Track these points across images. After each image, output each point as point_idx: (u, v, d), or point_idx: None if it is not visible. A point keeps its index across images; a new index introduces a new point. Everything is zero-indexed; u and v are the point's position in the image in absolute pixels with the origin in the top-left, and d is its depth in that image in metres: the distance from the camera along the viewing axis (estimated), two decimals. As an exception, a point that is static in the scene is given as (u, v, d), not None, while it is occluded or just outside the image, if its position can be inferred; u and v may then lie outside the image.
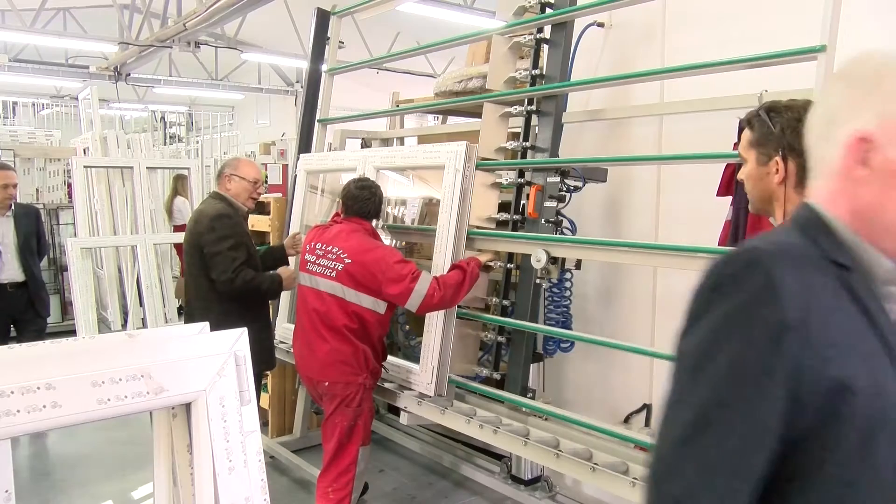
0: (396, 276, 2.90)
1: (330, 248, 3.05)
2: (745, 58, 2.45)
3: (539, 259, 2.92)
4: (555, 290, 3.33)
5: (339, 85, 4.50)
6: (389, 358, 3.43)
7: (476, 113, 4.74)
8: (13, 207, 4.70)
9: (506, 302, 3.32)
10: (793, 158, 1.52)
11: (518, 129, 3.39)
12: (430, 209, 4.71)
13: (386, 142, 4.72)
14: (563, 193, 3.12)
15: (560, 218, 3.13)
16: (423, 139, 4.53)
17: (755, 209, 1.69)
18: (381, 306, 3.03)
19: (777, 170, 1.54)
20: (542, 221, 3.12)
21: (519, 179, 3.31)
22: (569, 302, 3.38)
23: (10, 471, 0.99)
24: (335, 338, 3.02)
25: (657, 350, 2.89)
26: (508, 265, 3.33)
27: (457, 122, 4.94)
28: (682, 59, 2.85)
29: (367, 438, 3.18)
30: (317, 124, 4.44)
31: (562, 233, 3.15)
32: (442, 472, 4.18)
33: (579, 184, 3.11)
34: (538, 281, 3.15)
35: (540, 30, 3.33)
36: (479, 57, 4.17)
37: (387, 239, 3.78)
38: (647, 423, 3.38)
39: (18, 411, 0.94)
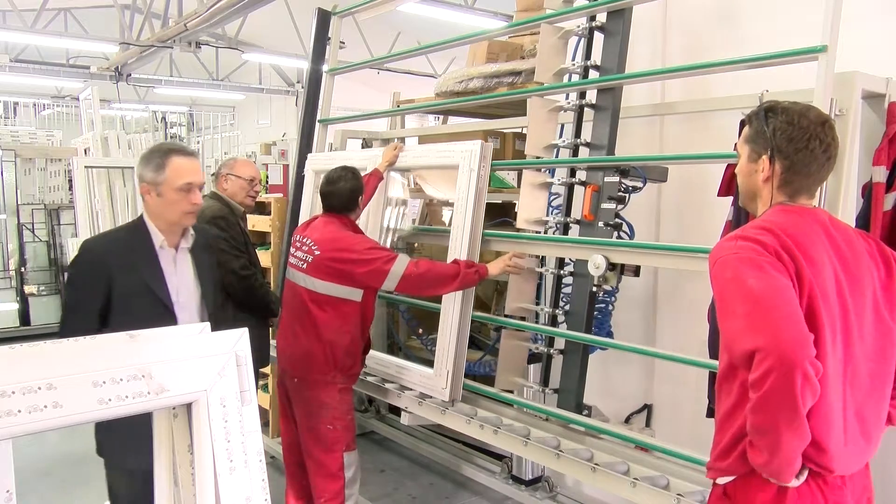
0: (370, 258, 2.85)
1: (305, 240, 3.03)
2: (746, 58, 2.45)
3: (598, 265, 2.71)
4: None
5: (339, 85, 4.49)
6: (398, 361, 3.41)
7: (477, 113, 4.76)
8: (193, 233, 2.45)
9: (557, 311, 3.09)
10: (779, 160, 1.56)
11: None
12: (430, 209, 4.72)
13: (387, 142, 4.72)
14: (622, 194, 2.85)
15: (619, 221, 2.87)
16: (423, 139, 4.53)
17: (741, 202, 1.75)
18: (356, 294, 2.95)
19: (763, 168, 1.59)
20: (600, 224, 2.87)
21: (571, 178, 3.10)
22: (609, 307, 3.19)
23: (11, 471, 0.99)
24: (304, 332, 2.97)
25: (657, 350, 2.90)
26: (559, 271, 3.10)
27: (458, 123, 4.94)
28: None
29: (352, 443, 3.08)
30: (318, 124, 4.44)
31: (620, 237, 2.91)
32: (442, 472, 4.18)
33: (639, 184, 2.85)
34: (594, 289, 2.89)
35: (592, 17, 3.10)
36: (479, 57, 4.17)
37: (387, 239, 3.78)
38: (647, 424, 3.38)
39: (19, 411, 0.95)
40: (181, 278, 2.38)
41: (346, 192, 3.05)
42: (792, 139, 1.54)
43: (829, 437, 1.48)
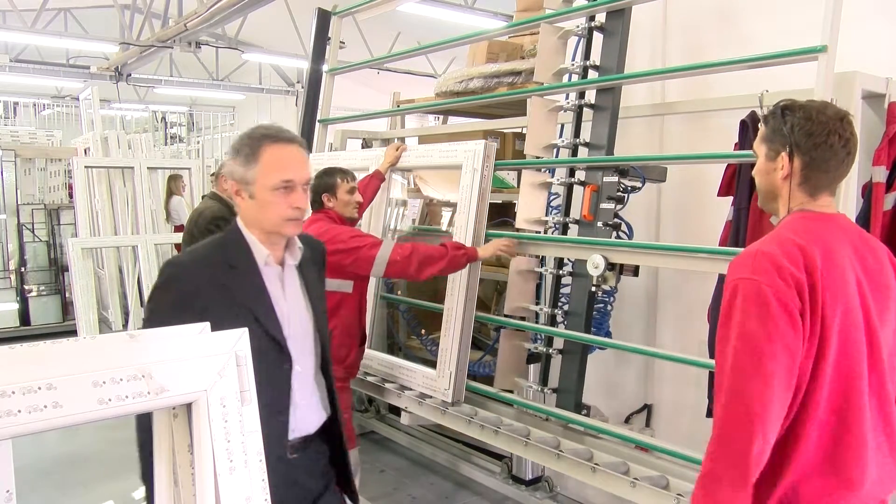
0: (355, 246, 2.85)
1: None
2: (746, 58, 2.45)
3: (597, 265, 2.71)
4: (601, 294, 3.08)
5: (339, 85, 4.50)
6: (399, 361, 3.40)
7: (477, 113, 4.77)
8: (300, 246, 1.90)
9: (557, 311, 3.09)
10: (798, 157, 1.53)
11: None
12: (430, 209, 4.72)
13: (387, 142, 4.72)
14: (622, 194, 2.86)
15: (618, 220, 2.88)
16: (424, 139, 4.53)
17: (760, 204, 1.71)
18: (346, 286, 2.94)
19: (783, 166, 1.56)
20: (599, 224, 2.89)
21: (570, 178, 3.10)
22: (608, 307, 3.18)
23: (11, 471, 0.99)
24: None
25: (657, 350, 2.90)
26: (558, 271, 3.12)
27: (458, 123, 4.95)
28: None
29: (351, 440, 3.05)
30: (318, 124, 4.44)
31: (619, 237, 2.92)
32: (443, 472, 4.17)
33: (638, 184, 2.85)
34: (593, 289, 2.89)
35: (592, 17, 3.11)
36: (479, 57, 4.17)
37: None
38: (647, 424, 3.38)
39: (19, 411, 0.95)
40: (292, 304, 1.82)
41: (323, 185, 3.04)
42: (811, 134, 1.52)
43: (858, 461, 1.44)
